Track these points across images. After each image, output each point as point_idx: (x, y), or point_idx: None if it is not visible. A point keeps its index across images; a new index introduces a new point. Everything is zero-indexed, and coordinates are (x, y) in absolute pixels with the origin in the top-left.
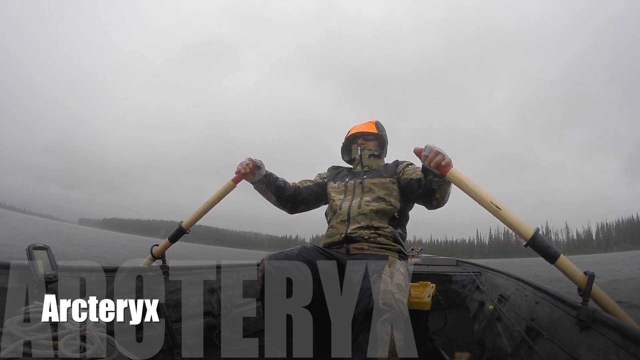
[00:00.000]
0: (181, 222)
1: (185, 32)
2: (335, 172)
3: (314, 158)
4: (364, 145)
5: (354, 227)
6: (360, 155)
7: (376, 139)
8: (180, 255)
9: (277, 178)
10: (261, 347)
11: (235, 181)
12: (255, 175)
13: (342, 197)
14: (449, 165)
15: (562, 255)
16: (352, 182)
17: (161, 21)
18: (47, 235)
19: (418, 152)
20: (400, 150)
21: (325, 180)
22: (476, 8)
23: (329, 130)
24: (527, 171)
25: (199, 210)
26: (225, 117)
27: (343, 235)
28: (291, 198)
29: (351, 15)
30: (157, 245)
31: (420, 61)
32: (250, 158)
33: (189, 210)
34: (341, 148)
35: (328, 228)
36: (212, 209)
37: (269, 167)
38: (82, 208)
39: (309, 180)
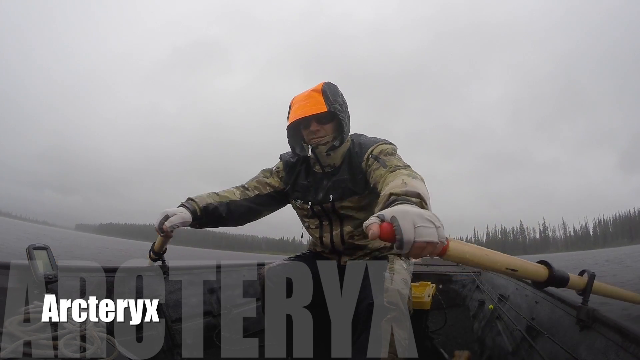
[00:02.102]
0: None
1: (174, 33)
2: (293, 172)
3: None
4: (317, 139)
5: (346, 259)
6: (316, 154)
7: (332, 118)
8: (180, 256)
9: (215, 207)
10: (261, 347)
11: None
12: (180, 225)
13: (316, 222)
14: (443, 244)
15: (570, 275)
16: (318, 207)
17: (150, 23)
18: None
19: (387, 240)
20: None
21: (284, 188)
22: (465, 3)
23: None
24: (522, 167)
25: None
26: (218, 118)
27: (337, 264)
28: (247, 215)
29: (340, 14)
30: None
31: (411, 58)
32: (165, 215)
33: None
34: (287, 135)
35: (316, 246)
36: None
37: (265, 166)
38: (78, 213)
39: (268, 184)
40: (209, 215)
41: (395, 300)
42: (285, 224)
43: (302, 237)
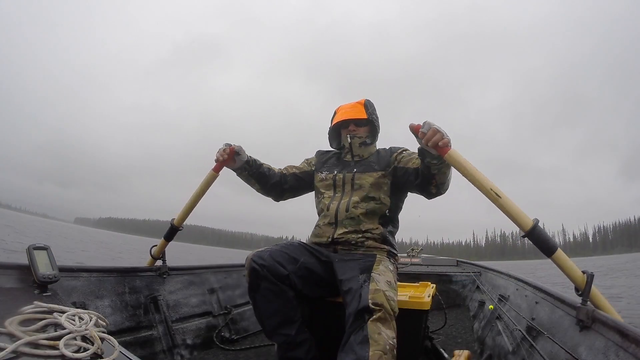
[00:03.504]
0: (172, 219)
1: (175, 31)
2: (324, 159)
3: (305, 157)
4: (355, 133)
5: (341, 231)
6: (350, 144)
7: (367, 124)
8: (179, 255)
9: (260, 165)
10: (261, 347)
11: (216, 170)
12: (236, 161)
13: (330, 193)
14: (447, 145)
15: (559, 249)
16: (341, 175)
17: (150, 20)
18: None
19: (415, 129)
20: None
21: (314, 169)
22: (467, 8)
23: (320, 129)
24: (522, 172)
25: (186, 206)
26: (217, 115)
27: (330, 239)
28: (276, 186)
29: (341, 14)
30: (156, 245)
31: (411, 61)
32: (227, 143)
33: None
34: (328, 133)
35: (315, 226)
36: (203, 204)
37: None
38: (77, 207)
39: (296, 167)
40: (255, 167)
41: (380, 301)
42: (285, 223)
43: (310, 236)
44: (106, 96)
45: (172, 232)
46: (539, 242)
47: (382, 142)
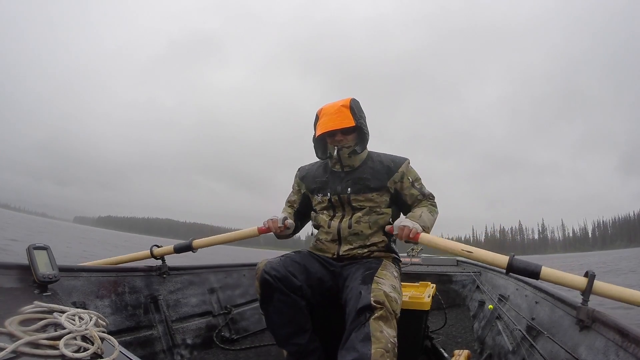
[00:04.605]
0: (192, 239)
1: (170, 27)
2: (310, 176)
3: (302, 153)
4: (342, 143)
5: (346, 248)
6: (339, 155)
7: (355, 130)
8: (180, 255)
9: (293, 225)
10: (261, 347)
11: (261, 232)
12: (283, 232)
13: (330, 213)
14: (417, 233)
15: (543, 267)
16: (336, 197)
17: (146, 16)
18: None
19: (390, 231)
20: (387, 146)
21: (305, 192)
22: (464, 2)
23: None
24: (521, 167)
25: (214, 239)
26: (215, 112)
27: (335, 255)
28: (297, 229)
29: (337, 10)
30: (157, 245)
31: (408, 57)
32: (285, 219)
33: (183, 208)
34: (313, 141)
35: (316, 240)
36: (201, 200)
37: (259, 164)
38: (76, 206)
39: (295, 201)
40: (294, 224)
41: (381, 299)
42: None
43: (312, 234)
44: (103, 93)
45: (185, 248)
46: (522, 271)
47: (380, 139)
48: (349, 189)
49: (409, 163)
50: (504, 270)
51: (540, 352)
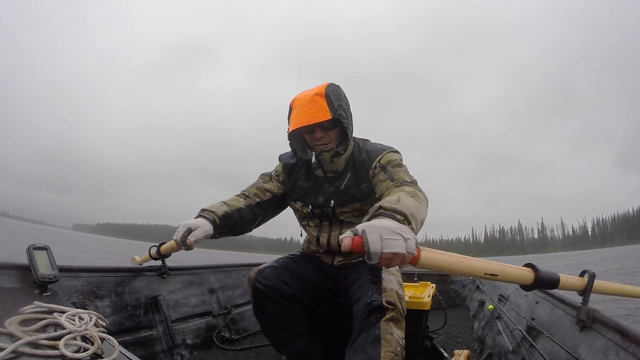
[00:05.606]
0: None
1: (163, 33)
2: (292, 175)
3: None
4: (321, 145)
5: (340, 259)
6: (319, 160)
7: (336, 125)
8: (177, 257)
9: (229, 215)
10: (261, 347)
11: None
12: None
13: (316, 224)
14: (412, 256)
15: (560, 275)
16: (319, 210)
17: (140, 23)
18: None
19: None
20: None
21: (284, 191)
22: (457, 1)
23: None
24: (519, 166)
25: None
26: (210, 117)
27: (330, 264)
28: (251, 223)
29: (329, 12)
30: (156, 245)
31: (402, 56)
32: (187, 233)
33: (180, 214)
34: (288, 137)
35: (308, 247)
36: (198, 206)
37: (255, 168)
38: (75, 213)
39: (266, 190)
40: (226, 224)
41: (393, 300)
42: (283, 224)
43: (301, 235)
44: (99, 99)
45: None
46: (546, 284)
47: (376, 141)
48: (332, 202)
49: (390, 152)
50: (530, 286)
51: (540, 352)
